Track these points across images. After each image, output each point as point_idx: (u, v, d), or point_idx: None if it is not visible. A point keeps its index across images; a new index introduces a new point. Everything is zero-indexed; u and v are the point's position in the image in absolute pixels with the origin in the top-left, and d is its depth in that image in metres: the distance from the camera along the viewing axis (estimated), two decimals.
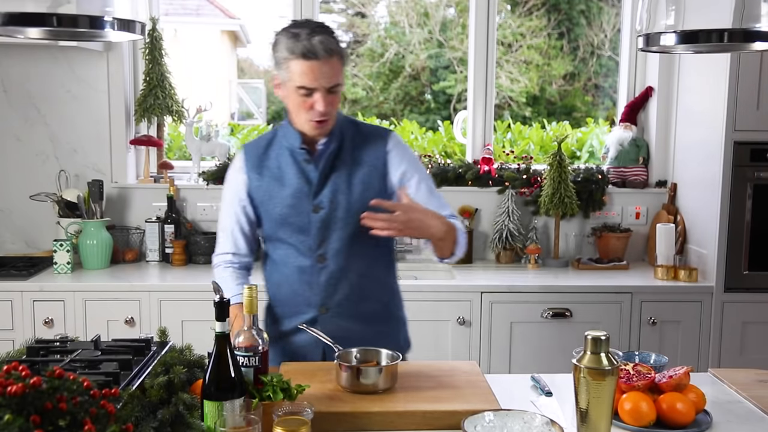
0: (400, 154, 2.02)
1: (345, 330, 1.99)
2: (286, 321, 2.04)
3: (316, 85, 1.87)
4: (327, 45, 1.86)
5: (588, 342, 1.50)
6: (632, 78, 3.75)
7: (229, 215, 2.07)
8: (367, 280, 2.03)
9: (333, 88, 1.90)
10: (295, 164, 2.00)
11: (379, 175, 2.00)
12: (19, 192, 3.46)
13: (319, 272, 1.99)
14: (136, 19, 1.57)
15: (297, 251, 2.00)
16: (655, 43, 1.67)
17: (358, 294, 2.01)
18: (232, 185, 2.07)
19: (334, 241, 1.98)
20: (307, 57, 1.85)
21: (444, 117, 6.54)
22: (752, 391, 1.83)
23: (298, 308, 2.02)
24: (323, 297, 2.00)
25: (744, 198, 3.10)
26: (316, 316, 2.01)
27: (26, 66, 3.44)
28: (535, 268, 3.44)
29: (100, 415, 1.10)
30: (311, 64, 1.85)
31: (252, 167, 2.03)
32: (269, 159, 2.03)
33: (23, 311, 2.98)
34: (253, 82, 8.04)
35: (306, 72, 1.86)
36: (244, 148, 2.08)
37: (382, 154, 2.01)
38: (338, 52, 1.89)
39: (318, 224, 1.97)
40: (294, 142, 1.99)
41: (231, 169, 2.09)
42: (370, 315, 2.04)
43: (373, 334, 2.01)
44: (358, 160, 2.00)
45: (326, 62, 1.86)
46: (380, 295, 2.08)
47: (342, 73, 1.93)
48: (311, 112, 1.91)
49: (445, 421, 1.60)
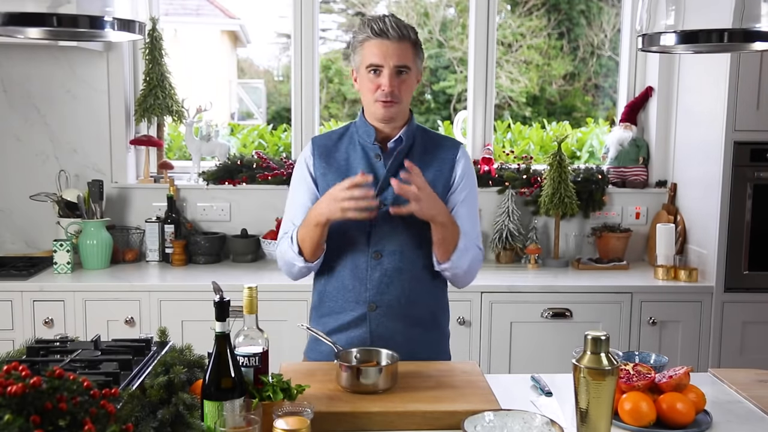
0: (465, 167, 2.06)
1: (391, 330, 1.99)
2: (334, 317, 2.03)
3: (383, 62, 1.93)
4: (399, 28, 1.94)
5: (588, 342, 1.50)
6: (632, 78, 3.75)
7: (294, 201, 2.07)
8: (418, 284, 2.02)
9: (401, 69, 1.94)
10: (364, 159, 2.02)
11: (444, 180, 2.03)
12: (19, 192, 3.46)
13: (374, 269, 1.98)
14: (136, 19, 1.57)
15: (352, 245, 2.00)
16: (655, 43, 1.67)
17: (408, 296, 2.01)
18: (300, 172, 2.08)
19: (392, 239, 1.98)
20: (378, 35, 1.93)
21: (444, 117, 6.54)
22: (752, 391, 1.83)
23: (347, 304, 2.01)
24: (374, 294, 1.99)
25: (744, 198, 3.10)
26: (364, 313, 2.00)
27: (26, 66, 3.44)
28: (535, 268, 3.44)
29: (100, 415, 1.10)
30: (381, 42, 1.93)
31: (320, 156, 2.05)
32: (338, 151, 2.05)
33: (23, 311, 2.98)
34: (253, 82, 8.05)
35: (375, 51, 1.94)
36: (313, 140, 2.10)
37: (450, 161, 2.05)
38: (410, 38, 1.96)
39: (379, 220, 1.97)
40: (367, 138, 2.02)
41: (299, 159, 2.11)
42: (418, 320, 2.03)
43: (419, 340, 2.01)
44: (426, 164, 2.02)
45: (396, 43, 1.93)
46: (429, 303, 2.07)
47: (412, 59, 1.97)
48: (378, 92, 1.95)
49: (445, 421, 1.60)
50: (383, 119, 1.99)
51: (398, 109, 1.98)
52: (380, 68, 1.94)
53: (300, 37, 3.58)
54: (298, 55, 3.60)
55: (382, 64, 1.93)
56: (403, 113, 2.02)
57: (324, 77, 6.76)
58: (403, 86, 1.97)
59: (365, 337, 1.99)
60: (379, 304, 1.99)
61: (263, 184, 3.51)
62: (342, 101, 7.28)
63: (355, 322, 2.00)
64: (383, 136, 2.03)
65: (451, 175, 2.04)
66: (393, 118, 1.99)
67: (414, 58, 1.98)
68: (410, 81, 1.98)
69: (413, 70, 1.98)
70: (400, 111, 1.99)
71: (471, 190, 2.07)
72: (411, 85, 2.00)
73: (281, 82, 7.94)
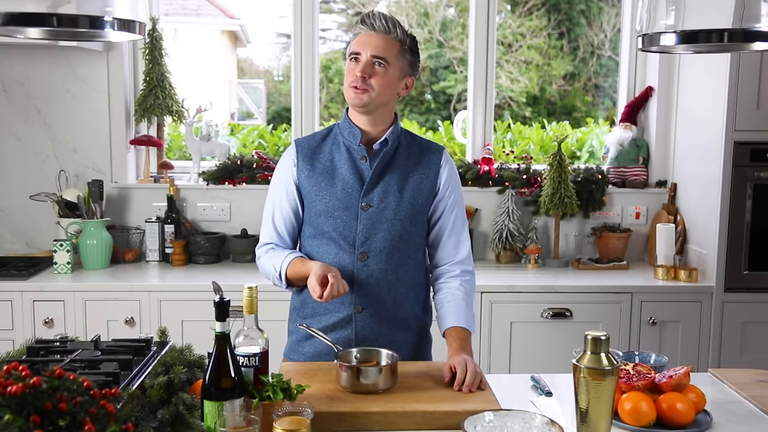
0: (450, 172, 2.07)
1: (377, 333, 1.99)
2: (318, 318, 2.02)
3: (361, 50, 1.95)
4: (385, 22, 1.96)
5: (588, 342, 1.50)
6: (632, 78, 3.75)
7: (275, 206, 2.08)
8: (404, 286, 2.03)
9: (378, 60, 1.94)
10: (349, 160, 2.01)
11: (429, 184, 2.03)
12: (19, 192, 3.46)
13: (359, 270, 1.98)
14: (136, 19, 1.57)
15: (338, 247, 1.99)
16: (655, 43, 1.67)
17: (394, 298, 2.01)
18: (281, 176, 2.08)
19: (378, 240, 1.98)
20: (365, 26, 1.96)
21: (444, 117, 6.55)
22: (752, 391, 1.83)
23: (332, 306, 2.00)
24: (360, 296, 1.99)
25: (744, 198, 3.10)
26: (350, 314, 2.00)
27: (26, 66, 3.44)
28: (535, 268, 3.44)
29: (100, 415, 1.10)
30: (366, 33, 1.96)
31: (303, 158, 2.04)
32: (322, 153, 2.04)
33: (23, 311, 2.98)
34: (253, 82, 8.05)
35: (358, 40, 1.97)
36: (296, 142, 2.09)
37: (435, 166, 2.05)
38: (396, 35, 1.96)
39: (365, 222, 1.98)
40: (352, 139, 2.01)
41: (281, 161, 2.10)
42: (404, 323, 2.04)
43: (403, 343, 2.01)
44: (412, 167, 2.03)
45: (379, 35, 1.95)
46: (415, 306, 2.07)
47: (395, 55, 1.96)
48: (352, 77, 1.95)
49: (445, 421, 1.60)
50: (354, 105, 1.97)
51: (370, 99, 1.95)
52: (359, 56, 1.95)
53: (300, 37, 3.58)
54: (298, 55, 3.60)
55: (360, 51, 1.95)
56: (381, 111, 1.99)
57: (324, 77, 6.76)
58: (378, 77, 1.94)
59: (350, 338, 1.99)
60: (365, 305, 1.99)
61: (263, 184, 3.51)
62: (342, 101, 7.27)
63: (340, 324, 2.00)
64: (368, 137, 2.02)
65: (436, 181, 2.04)
66: (365, 107, 1.96)
67: (397, 55, 1.96)
68: (388, 76, 1.95)
69: (393, 66, 1.96)
70: (374, 103, 1.96)
71: (457, 194, 2.08)
72: (389, 80, 1.96)
73: (281, 82, 7.94)
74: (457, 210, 2.07)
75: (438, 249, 2.08)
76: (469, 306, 2.04)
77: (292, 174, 2.05)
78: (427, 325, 2.14)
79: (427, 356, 2.13)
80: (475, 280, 2.11)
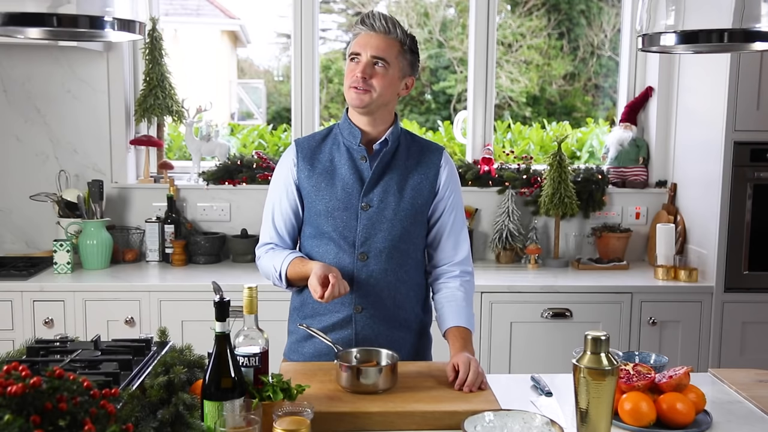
0: (450, 173, 2.07)
1: (377, 333, 1.99)
2: (318, 318, 2.02)
3: (361, 50, 1.95)
4: (385, 22, 1.96)
5: (588, 342, 1.50)
6: (632, 78, 3.75)
7: (275, 206, 2.08)
8: (404, 287, 2.03)
9: (378, 60, 1.94)
10: (349, 160, 2.01)
11: (429, 185, 2.03)
12: (19, 192, 3.47)
13: (359, 270, 1.98)
14: (136, 19, 1.57)
15: (338, 247, 1.99)
16: (655, 43, 1.67)
17: (394, 299, 2.01)
18: (281, 176, 2.08)
19: (378, 240, 1.98)
20: (365, 26, 1.96)
21: (444, 117, 6.54)
22: (752, 391, 1.83)
23: (332, 306, 2.00)
24: (360, 296, 1.99)
25: (744, 198, 3.10)
26: (350, 315, 2.00)
27: (26, 66, 3.44)
28: (535, 268, 3.44)
29: (100, 415, 1.10)
30: (366, 33, 1.96)
31: (303, 159, 2.04)
32: (322, 153, 2.04)
33: (23, 311, 2.98)
34: (253, 82, 8.05)
35: (358, 41, 1.97)
36: (296, 142, 2.09)
37: (435, 166, 2.05)
38: (396, 35, 1.96)
39: (365, 222, 1.98)
40: (352, 139, 2.01)
41: (281, 162, 2.10)
42: (403, 323, 2.04)
43: (404, 343, 2.02)
44: (412, 167, 2.03)
45: (379, 35, 1.95)
46: (415, 306, 2.07)
47: (395, 55, 1.96)
48: (352, 77, 1.95)
49: (445, 421, 1.61)
50: (354, 105, 1.97)
51: (371, 99, 1.95)
52: (359, 56, 1.95)
53: (300, 37, 3.58)
54: (298, 55, 3.60)
55: (360, 52, 1.95)
56: (382, 111, 1.99)
57: (324, 77, 6.76)
58: (378, 78, 1.94)
59: (350, 338, 1.99)
60: (365, 306, 1.99)
61: (263, 184, 3.50)
62: (342, 101, 7.27)
63: (340, 324, 2.00)
64: (368, 138, 2.02)
65: (436, 181, 2.05)
66: (365, 108, 1.96)
67: (397, 56, 1.96)
68: (388, 76, 1.96)
69: (393, 66, 1.96)
70: (375, 104, 1.96)
71: (457, 194, 2.09)
72: (389, 81, 1.96)
73: (281, 82, 7.94)
74: (456, 210, 2.08)
75: (437, 249, 2.08)
76: (470, 306, 2.04)
77: (292, 174, 2.05)
78: (427, 325, 2.14)
79: (427, 356, 2.13)
80: (474, 281, 2.11)
